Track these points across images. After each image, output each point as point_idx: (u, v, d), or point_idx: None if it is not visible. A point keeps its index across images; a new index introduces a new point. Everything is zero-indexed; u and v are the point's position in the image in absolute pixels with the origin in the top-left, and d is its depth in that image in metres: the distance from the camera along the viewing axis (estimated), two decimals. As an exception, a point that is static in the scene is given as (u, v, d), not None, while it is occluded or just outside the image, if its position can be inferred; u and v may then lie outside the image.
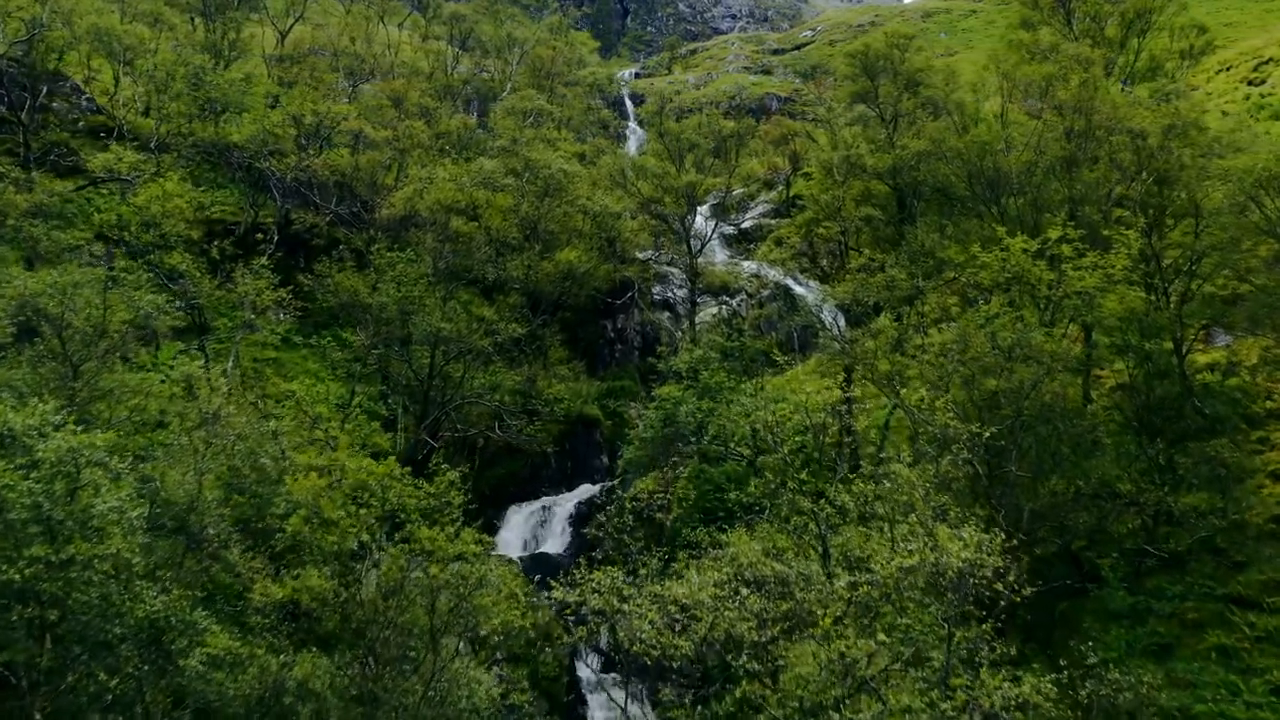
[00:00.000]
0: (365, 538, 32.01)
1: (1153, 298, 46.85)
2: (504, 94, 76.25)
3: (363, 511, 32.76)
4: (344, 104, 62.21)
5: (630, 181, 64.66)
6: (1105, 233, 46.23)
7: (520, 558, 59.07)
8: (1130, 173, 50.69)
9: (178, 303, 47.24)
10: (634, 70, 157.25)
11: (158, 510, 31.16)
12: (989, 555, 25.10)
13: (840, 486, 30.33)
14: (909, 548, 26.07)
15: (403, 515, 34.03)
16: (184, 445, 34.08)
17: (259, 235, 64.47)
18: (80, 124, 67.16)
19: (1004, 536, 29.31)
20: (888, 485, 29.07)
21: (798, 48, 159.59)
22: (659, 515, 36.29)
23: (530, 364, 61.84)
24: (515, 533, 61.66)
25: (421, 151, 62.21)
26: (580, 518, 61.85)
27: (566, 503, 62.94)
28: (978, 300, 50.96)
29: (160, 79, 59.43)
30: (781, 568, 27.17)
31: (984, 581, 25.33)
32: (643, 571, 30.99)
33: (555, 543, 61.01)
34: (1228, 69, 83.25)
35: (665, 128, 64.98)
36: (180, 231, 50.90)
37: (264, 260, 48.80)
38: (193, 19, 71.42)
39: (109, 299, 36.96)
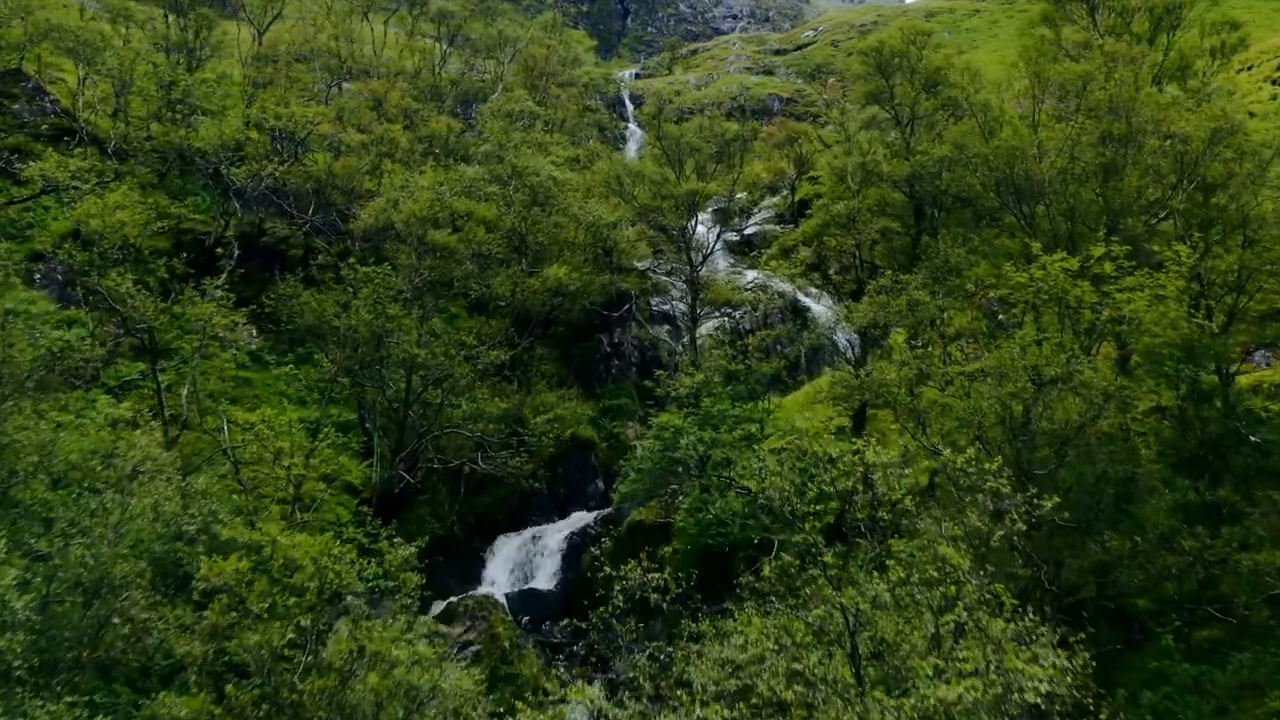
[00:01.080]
0: (293, 634, 25.95)
1: (1199, 317, 40.97)
2: (495, 94, 70.43)
3: (293, 602, 26.79)
4: (321, 106, 56.27)
5: (627, 188, 58.79)
6: (1153, 248, 40.48)
7: (508, 594, 53.46)
8: (1170, 181, 44.93)
9: (115, 330, 41.34)
10: (634, 71, 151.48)
11: (55, 592, 25.32)
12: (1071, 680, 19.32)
13: (874, 576, 24.46)
14: (963, 662, 20.29)
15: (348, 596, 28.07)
16: (98, 508, 28.16)
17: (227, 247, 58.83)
18: (44, 127, 61.41)
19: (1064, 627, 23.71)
20: (931, 572, 23.24)
21: (799, 48, 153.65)
22: (654, 596, 30.33)
23: (517, 390, 56.11)
24: (503, 565, 56.01)
25: (403, 156, 56.43)
26: (573, 549, 56.27)
27: (558, 533, 57.28)
28: (1005, 320, 45.15)
29: (121, 78, 53.53)
30: (803, 690, 21.30)
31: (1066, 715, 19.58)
32: (633, 673, 25.02)
33: (546, 576, 55.34)
34: (1249, 68, 77.67)
35: (664, 131, 59.06)
36: (135, 243, 45.04)
37: (217, 281, 42.79)
38: (167, 15, 65.43)
39: (10, 334, 30.89)
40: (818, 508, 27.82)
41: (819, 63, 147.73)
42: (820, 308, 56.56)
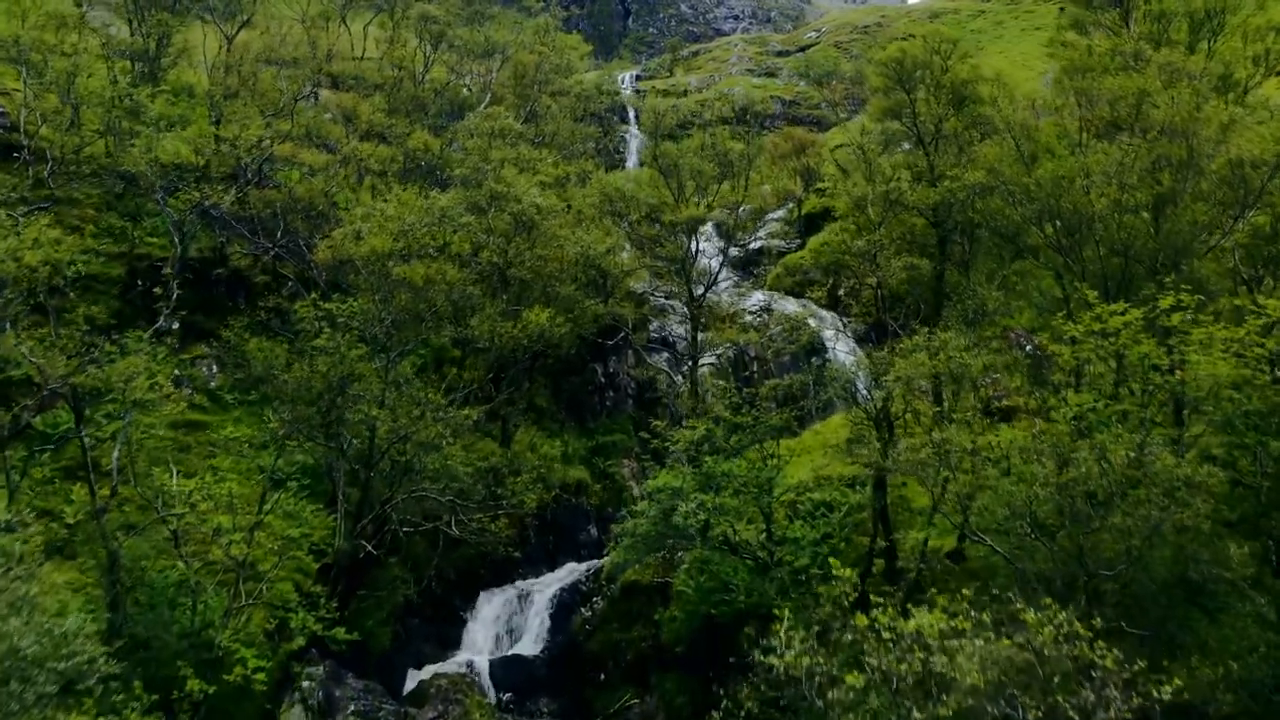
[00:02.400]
0: None
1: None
2: (483, 104, 63.49)
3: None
4: (285, 122, 49.25)
5: (620, 209, 51.94)
6: (1229, 298, 33.74)
7: (490, 661, 46.75)
8: (1232, 211, 38.11)
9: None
10: (635, 72, 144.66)
11: None
12: None
13: None
14: None
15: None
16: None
17: (188, 275, 51.94)
18: (-9, 143, 54.56)
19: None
20: None
21: (802, 49, 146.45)
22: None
23: (498, 439, 49.33)
24: (486, 627, 49.19)
25: (375, 178, 49.60)
26: (563, 607, 49.60)
27: (547, 588, 50.51)
28: (1046, 366, 38.29)
29: (62, 90, 46.64)
30: None
31: None
32: None
33: (532, 639, 48.58)
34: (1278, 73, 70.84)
35: (661, 150, 52.11)
36: (56, 284, 38.24)
37: (139, 334, 36.03)
38: (131, 21, 58.43)
39: None
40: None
41: (823, 64, 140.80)
42: (835, 340, 49.51)
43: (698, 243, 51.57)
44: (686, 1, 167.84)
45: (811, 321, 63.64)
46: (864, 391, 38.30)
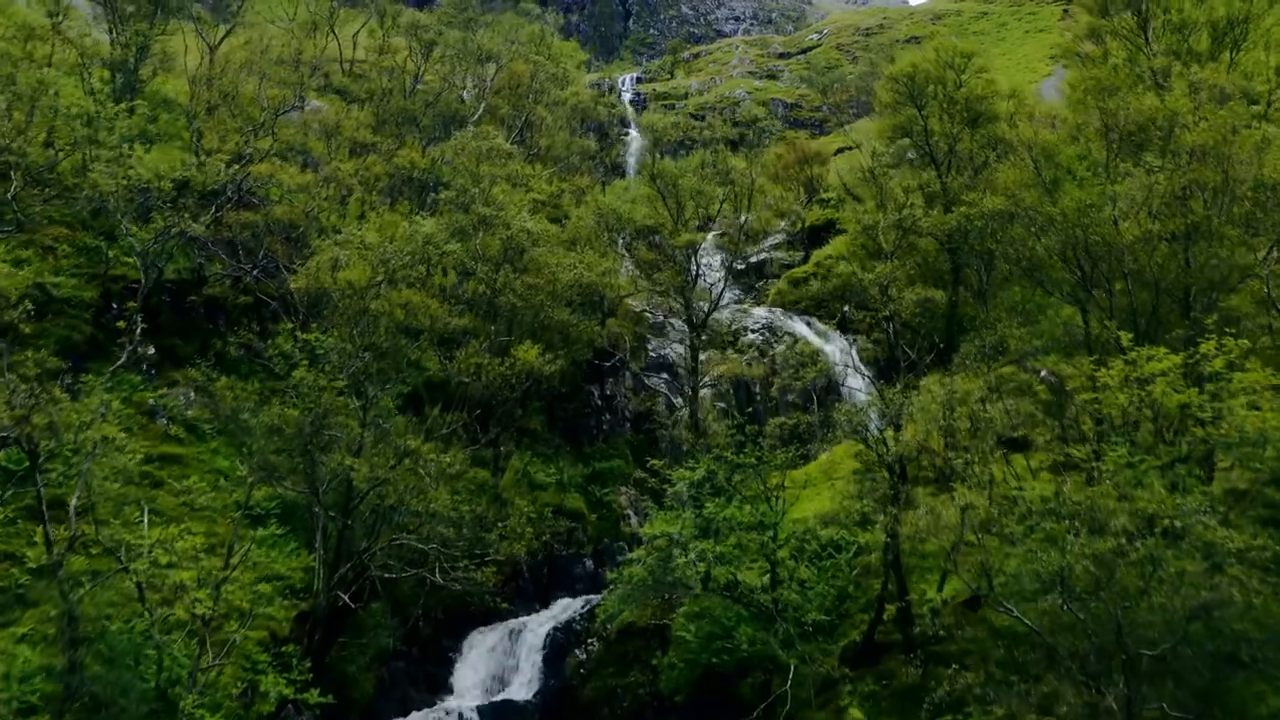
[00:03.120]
0: None
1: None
2: (476, 115, 60.28)
3: None
4: (267, 139, 46.07)
5: (614, 227, 48.82)
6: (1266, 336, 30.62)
7: (479, 708, 43.64)
8: (1268, 238, 34.98)
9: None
10: (635, 74, 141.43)
11: None
12: None
13: None
14: None
15: None
16: None
17: (164, 298, 48.84)
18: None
19: None
20: None
21: (803, 51, 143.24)
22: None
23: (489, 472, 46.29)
24: (475, 669, 46.06)
25: (362, 195, 46.45)
26: (556, 648, 46.41)
27: (540, 627, 47.30)
28: (1071, 409, 35.14)
29: (29, 104, 43.48)
30: None
31: None
32: None
33: (524, 682, 45.45)
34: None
35: (659, 169, 48.86)
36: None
37: (92, 379, 32.94)
38: (113, 31, 55.19)
39: None
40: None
41: (824, 70, 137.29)
42: (845, 371, 46.29)
43: (697, 265, 48.47)
44: (687, 3, 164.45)
45: (816, 339, 60.57)
46: (875, 429, 35.25)
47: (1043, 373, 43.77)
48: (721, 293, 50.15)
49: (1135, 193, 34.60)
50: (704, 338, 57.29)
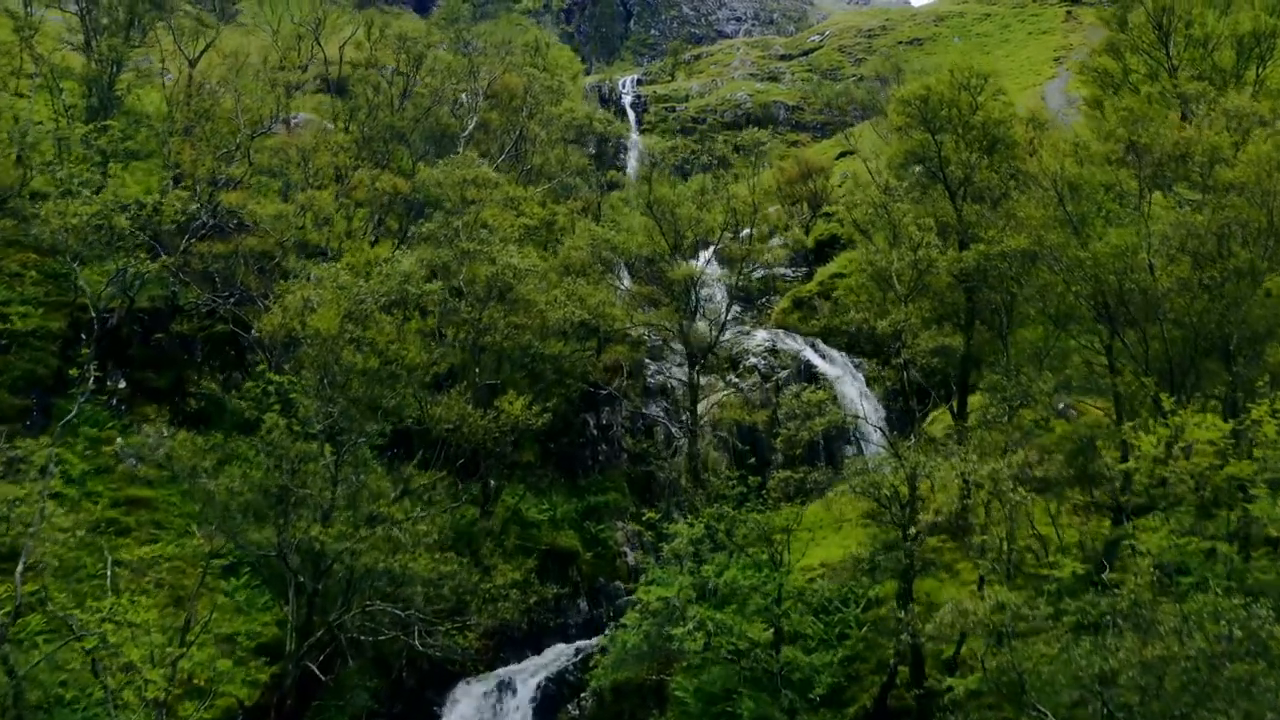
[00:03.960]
0: None
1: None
2: (468, 130, 56.81)
3: None
4: (239, 167, 42.71)
5: (616, 253, 45.53)
6: None
7: (466, 770, 40.59)
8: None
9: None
10: (636, 76, 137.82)
11: None
12: None
13: None
14: None
15: None
16: None
17: (136, 329, 45.51)
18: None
19: None
20: None
21: (805, 53, 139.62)
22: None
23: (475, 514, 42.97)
24: (462, 723, 42.96)
25: (341, 225, 43.09)
26: (548, 700, 43.18)
27: (530, 677, 43.97)
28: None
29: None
30: None
31: None
32: None
33: (514, 740, 42.38)
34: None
35: (655, 198, 45.39)
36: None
37: (31, 443, 29.65)
38: (88, 41, 51.76)
39: None
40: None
41: (827, 80, 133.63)
42: (859, 410, 42.93)
43: (697, 298, 45.16)
44: (689, 3, 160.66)
45: (821, 364, 57.22)
46: (889, 484, 31.93)
47: (1061, 405, 40.48)
48: (723, 327, 46.64)
49: (1171, 233, 31.23)
50: (704, 361, 54.04)
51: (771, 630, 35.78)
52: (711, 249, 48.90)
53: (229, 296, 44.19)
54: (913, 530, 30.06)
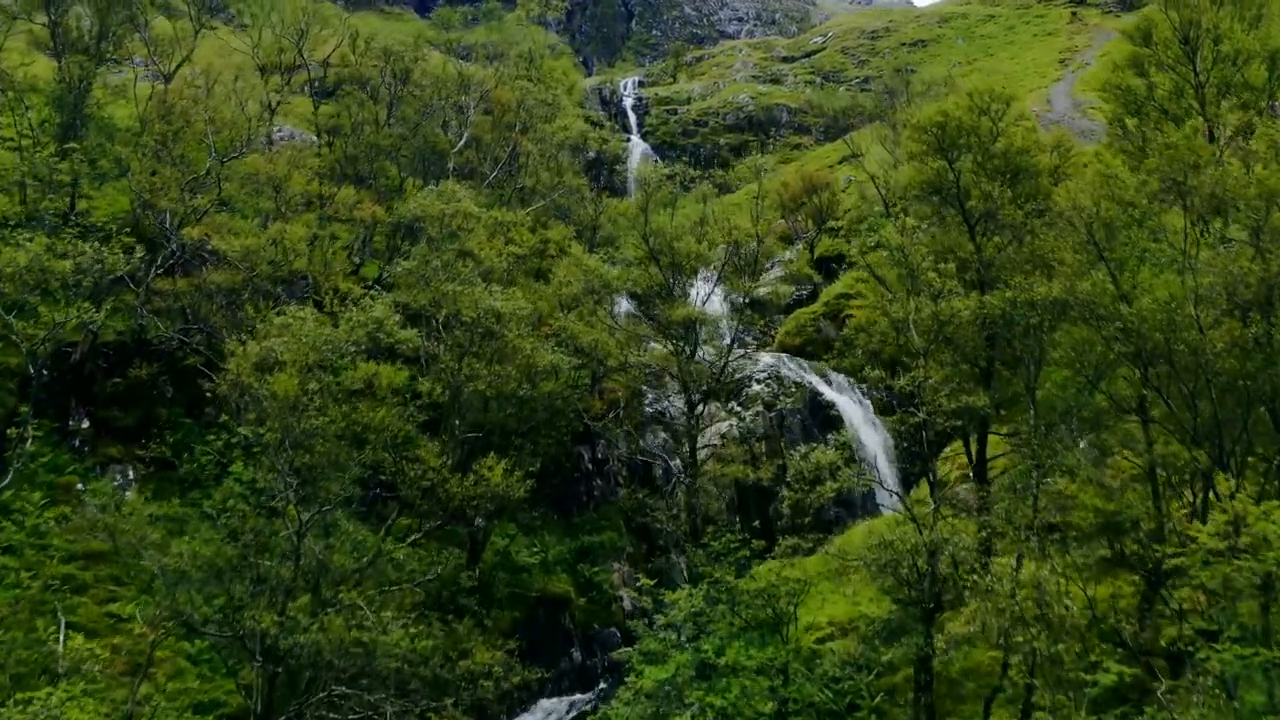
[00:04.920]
0: None
1: None
2: (458, 146, 53.13)
3: None
4: (206, 196, 39.09)
5: (610, 289, 41.89)
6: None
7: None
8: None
9: None
10: (637, 77, 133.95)
11: None
12: None
13: None
14: None
15: None
16: None
17: (101, 364, 41.94)
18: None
19: None
20: None
21: (808, 55, 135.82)
22: None
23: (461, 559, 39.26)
24: (445, 794, 39.38)
25: (322, 254, 39.45)
26: (541, 773, 39.75)
27: (521, 734, 40.77)
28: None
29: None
30: None
31: None
32: None
33: (503, 804, 38.98)
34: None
35: (651, 230, 41.67)
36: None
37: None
38: (60, 57, 48.04)
39: None
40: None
41: (830, 69, 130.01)
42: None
43: (697, 339, 41.57)
44: (690, 3, 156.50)
45: (830, 391, 53.58)
46: (909, 565, 28.36)
47: (1083, 444, 36.84)
48: (722, 371, 42.96)
49: (1220, 283, 27.54)
50: (704, 388, 50.46)
51: (776, 704, 32.30)
52: (712, 284, 45.14)
53: (198, 331, 40.64)
54: (939, 618, 26.42)
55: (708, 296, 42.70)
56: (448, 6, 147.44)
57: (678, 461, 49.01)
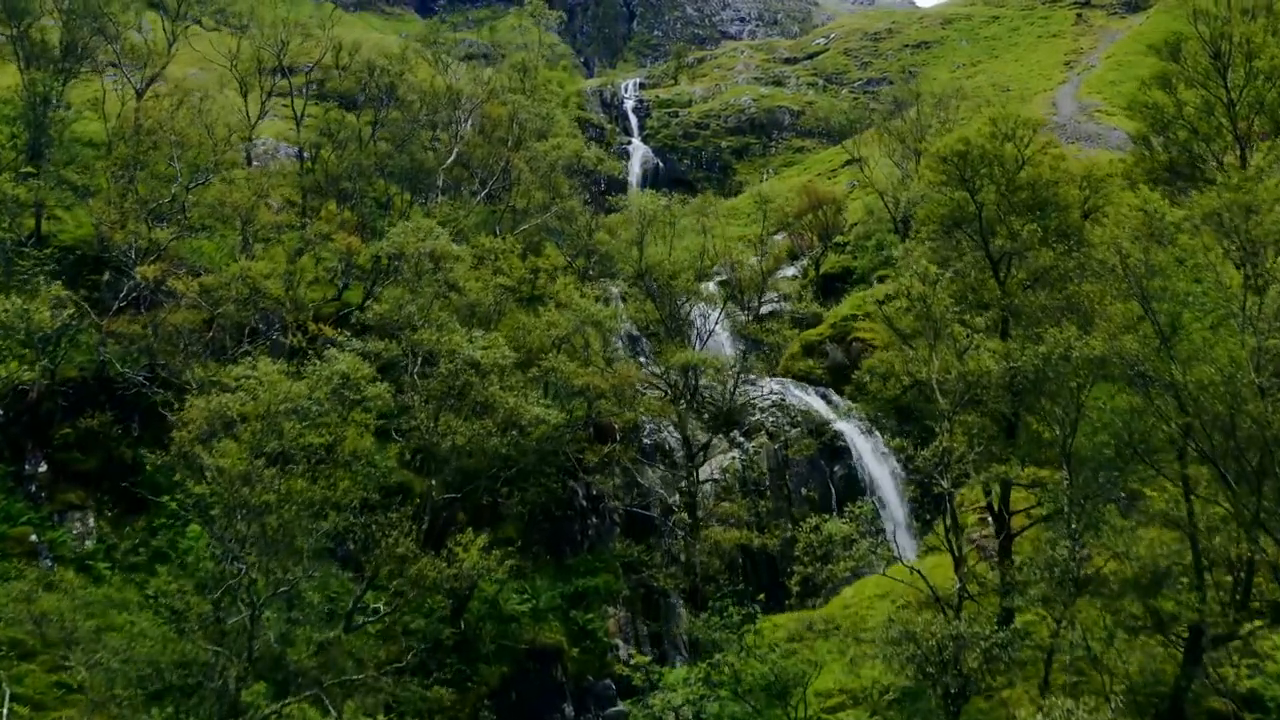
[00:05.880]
0: None
1: None
2: (448, 162, 49.48)
3: None
4: (164, 231, 35.53)
5: (602, 329, 38.33)
6: None
7: None
8: None
9: None
10: (639, 79, 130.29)
11: None
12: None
13: None
14: None
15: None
16: None
17: (62, 402, 38.42)
18: None
19: None
20: None
21: (810, 56, 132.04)
22: None
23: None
24: None
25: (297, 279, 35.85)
26: None
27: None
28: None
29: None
30: None
31: None
32: None
33: None
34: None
35: (647, 265, 37.96)
36: None
37: None
38: (23, 69, 44.43)
39: None
40: None
41: (833, 71, 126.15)
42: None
43: (696, 384, 38.03)
44: (692, 4, 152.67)
45: (838, 420, 50.00)
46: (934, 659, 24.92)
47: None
48: (727, 411, 39.41)
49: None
50: (705, 417, 46.94)
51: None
52: (716, 316, 41.52)
53: (159, 371, 37.11)
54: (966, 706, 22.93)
55: (708, 336, 39.12)
56: (448, 7, 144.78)
57: (677, 497, 45.46)
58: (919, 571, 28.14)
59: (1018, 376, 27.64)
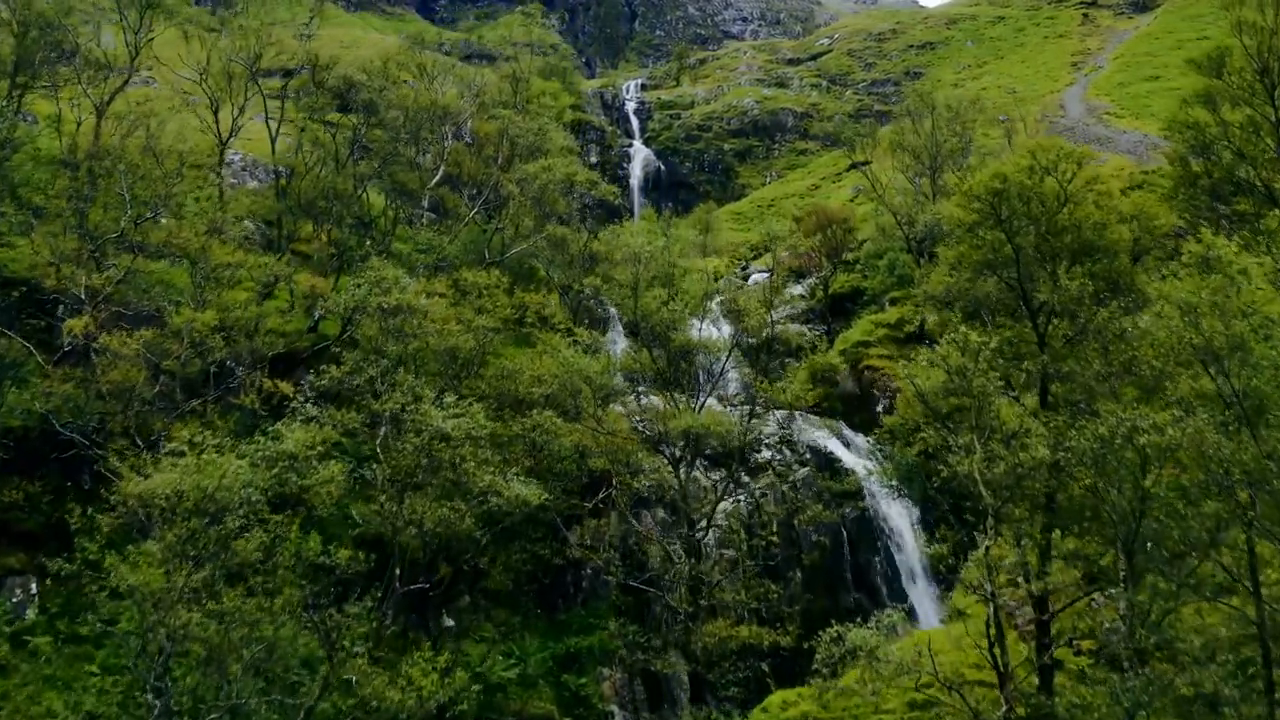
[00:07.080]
0: None
1: None
2: (431, 183, 44.99)
3: None
4: (99, 277, 31.12)
5: (594, 387, 33.89)
6: None
7: None
8: None
9: None
10: (640, 80, 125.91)
11: None
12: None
13: None
14: None
15: None
16: None
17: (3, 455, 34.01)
18: None
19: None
20: None
21: (814, 57, 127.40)
22: None
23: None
24: None
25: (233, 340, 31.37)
26: None
27: None
28: None
29: None
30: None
31: None
32: None
33: None
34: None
35: (643, 310, 33.54)
36: None
37: None
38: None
39: None
40: None
41: (836, 72, 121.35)
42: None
43: (694, 455, 33.62)
44: (694, 3, 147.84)
45: (851, 459, 45.63)
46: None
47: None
48: (734, 469, 34.93)
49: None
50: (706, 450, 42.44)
51: None
52: (720, 368, 37.11)
53: (95, 431, 32.65)
54: None
55: (706, 399, 34.75)
56: (449, 7, 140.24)
57: (678, 546, 40.99)
58: (957, 691, 23.63)
59: (1067, 454, 23.19)
